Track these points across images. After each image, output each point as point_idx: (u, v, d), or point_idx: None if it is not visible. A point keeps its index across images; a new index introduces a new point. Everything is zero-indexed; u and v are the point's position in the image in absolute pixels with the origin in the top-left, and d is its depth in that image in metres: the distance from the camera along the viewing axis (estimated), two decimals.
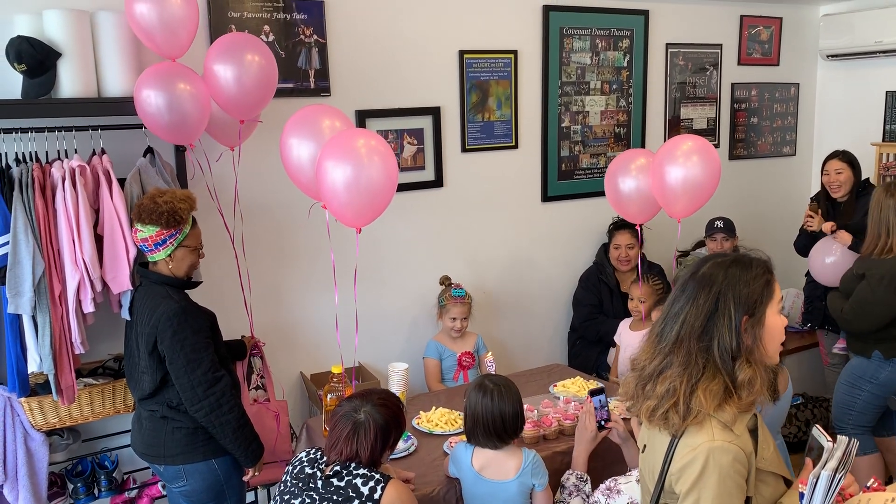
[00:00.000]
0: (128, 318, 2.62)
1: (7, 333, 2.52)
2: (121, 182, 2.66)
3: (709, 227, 4.15)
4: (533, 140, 4.04)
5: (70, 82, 2.63)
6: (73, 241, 2.50)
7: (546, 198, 4.13)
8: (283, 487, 2.12)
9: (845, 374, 3.42)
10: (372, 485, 1.99)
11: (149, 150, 2.80)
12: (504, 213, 4.00)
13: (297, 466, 2.12)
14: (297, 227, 3.36)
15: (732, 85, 4.73)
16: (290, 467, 2.15)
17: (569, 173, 4.18)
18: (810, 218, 3.85)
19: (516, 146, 3.98)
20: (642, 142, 4.39)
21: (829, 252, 3.70)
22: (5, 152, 2.58)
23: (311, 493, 2.02)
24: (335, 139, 2.47)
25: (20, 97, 2.63)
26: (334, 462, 2.05)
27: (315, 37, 3.33)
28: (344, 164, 2.40)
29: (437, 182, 3.75)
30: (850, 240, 3.58)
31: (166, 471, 2.56)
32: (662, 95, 4.46)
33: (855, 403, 3.34)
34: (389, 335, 3.72)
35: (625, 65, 4.25)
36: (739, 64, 4.73)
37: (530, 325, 4.18)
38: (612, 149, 4.27)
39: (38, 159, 2.59)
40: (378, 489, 1.99)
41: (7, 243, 2.44)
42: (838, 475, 1.50)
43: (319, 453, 2.13)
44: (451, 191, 3.81)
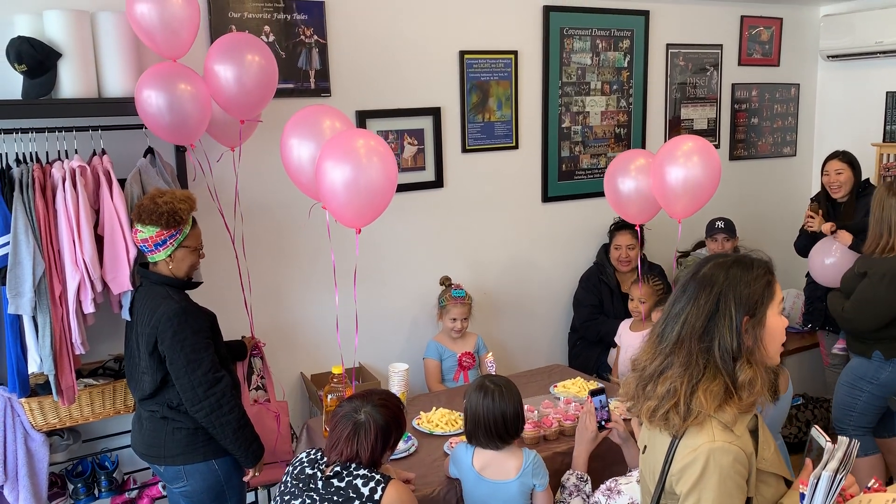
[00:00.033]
0: (128, 318, 2.62)
1: (7, 334, 2.52)
2: (121, 182, 2.66)
3: (710, 227, 4.15)
4: (533, 140, 4.04)
5: (70, 83, 2.63)
6: (74, 241, 2.50)
7: (546, 198, 4.13)
8: (283, 488, 2.12)
9: (845, 374, 3.41)
10: (372, 485, 1.99)
11: (149, 151, 2.80)
12: (504, 213, 4.00)
13: (298, 467, 2.12)
14: (298, 227, 3.36)
15: (733, 85, 4.73)
16: (290, 468, 2.15)
17: (569, 174, 4.18)
18: (811, 218, 3.86)
19: (517, 147, 3.98)
20: (643, 142, 4.39)
21: (828, 252, 3.69)
22: (6, 153, 2.58)
23: (312, 493, 2.02)
24: (334, 139, 2.47)
25: (20, 97, 2.63)
26: (335, 463, 2.05)
27: (315, 37, 3.33)
28: (343, 165, 2.39)
29: (438, 182, 3.75)
30: (851, 240, 3.58)
31: (166, 471, 2.56)
32: (663, 96, 4.46)
33: (855, 404, 3.34)
34: (390, 336, 3.72)
35: (625, 65, 4.25)
36: (740, 64, 4.73)
37: (530, 326, 4.18)
38: (613, 149, 4.27)
39: (38, 160, 2.59)
40: (378, 490, 1.99)
41: (7, 244, 2.44)
42: (839, 476, 1.50)
43: (320, 454, 2.13)
44: (451, 191, 3.80)
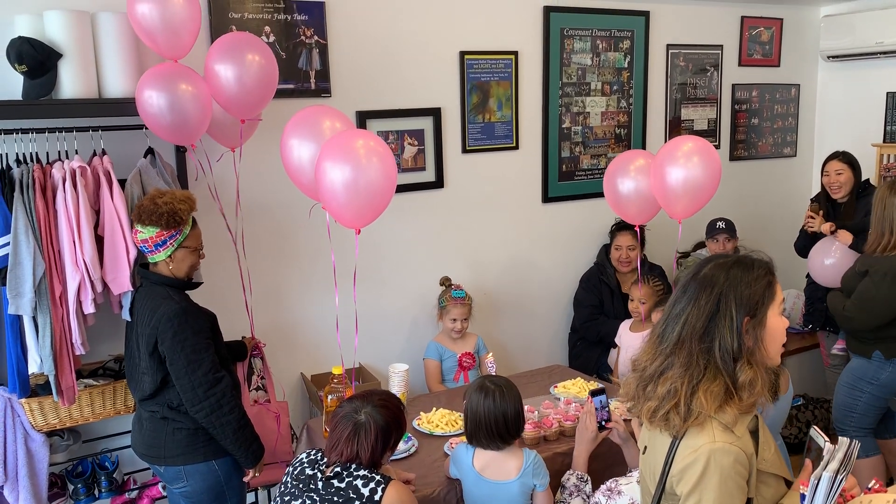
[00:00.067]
0: (128, 318, 2.62)
1: (7, 334, 2.52)
2: (121, 183, 2.66)
3: (711, 227, 4.14)
4: (533, 141, 4.04)
5: (71, 83, 2.63)
6: (74, 241, 2.50)
7: (547, 199, 4.13)
8: (283, 488, 2.12)
9: (845, 375, 3.41)
10: (372, 486, 1.99)
11: (149, 151, 2.80)
12: (504, 214, 4.00)
13: (298, 467, 2.12)
14: (298, 227, 3.36)
15: (733, 86, 4.73)
16: (290, 468, 2.15)
17: (569, 174, 4.18)
18: (811, 219, 3.85)
19: (517, 147, 3.98)
20: (643, 143, 4.39)
21: (828, 253, 3.69)
22: (6, 153, 2.58)
23: (312, 494, 2.02)
24: (334, 140, 2.47)
25: (21, 98, 2.63)
26: (335, 463, 2.05)
27: (316, 38, 3.33)
28: (343, 165, 2.39)
29: (438, 183, 3.75)
30: (851, 239, 3.57)
31: (167, 471, 2.56)
32: (663, 96, 4.45)
33: (856, 405, 3.33)
34: (390, 336, 3.72)
35: (625, 66, 4.25)
36: (740, 65, 4.73)
37: (531, 326, 4.18)
38: (613, 150, 4.27)
39: (38, 160, 2.59)
40: (379, 490, 1.99)
41: (8, 244, 2.44)
42: (839, 477, 1.50)
43: (320, 454, 2.13)
44: (451, 192, 3.80)
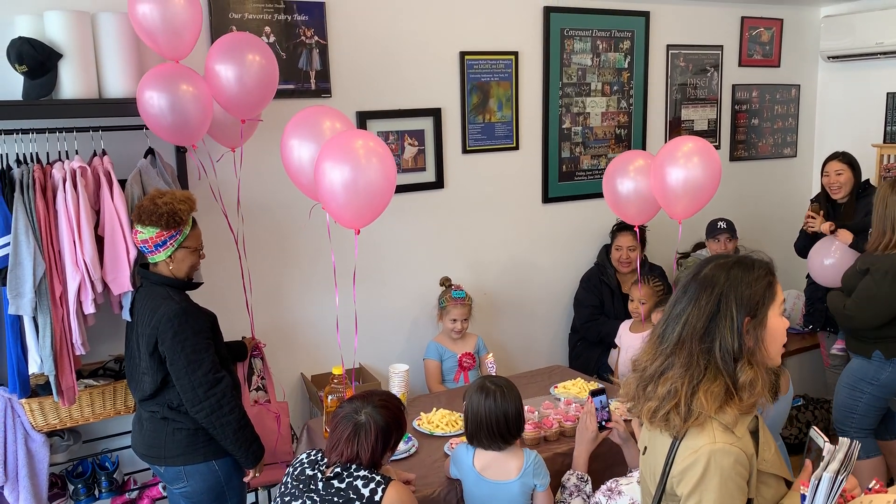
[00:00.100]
0: (128, 319, 2.62)
1: (8, 334, 2.52)
2: (122, 183, 2.66)
3: (712, 227, 4.14)
4: (534, 141, 4.04)
5: (71, 83, 2.63)
6: (74, 242, 2.50)
7: (547, 199, 4.13)
8: (283, 489, 2.12)
9: (845, 376, 3.40)
10: (373, 486, 1.99)
11: (150, 152, 2.80)
12: (505, 214, 4.00)
13: (298, 468, 2.12)
14: (298, 227, 3.36)
15: (733, 86, 4.73)
16: (290, 469, 2.15)
17: (569, 174, 4.18)
18: (811, 219, 3.84)
19: (517, 147, 3.98)
20: (643, 143, 4.39)
21: (828, 253, 3.69)
22: (6, 153, 2.58)
23: (312, 494, 2.02)
24: (333, 140, 2.47)
25: (21, 98, 2.63)
26: (335, 464, 2.05)
27: (316, 38, 3.33)
28: (342, 166, 2.39)
29: (438, 183, 3.75)
30: (851, 238, 3.57)
31: (167, 472, 2.56)
32: (663, 97, 4.45)
33: (857, 406, 3.32)
34: (390, 336, 3.72)
35: (626, 66, 4.25)
36: (740, 65, 4.73)
37: (531, 327, 4.18)
38: (613, 150, 4.27)
39: (38, 160, 2.59)
40: (379, 491, 1.99)
41: (8, 244, 2.44)
42: (840, 477, 1.49)
43: (320, 455, 2.13)
44: (451, 192, 3.80)
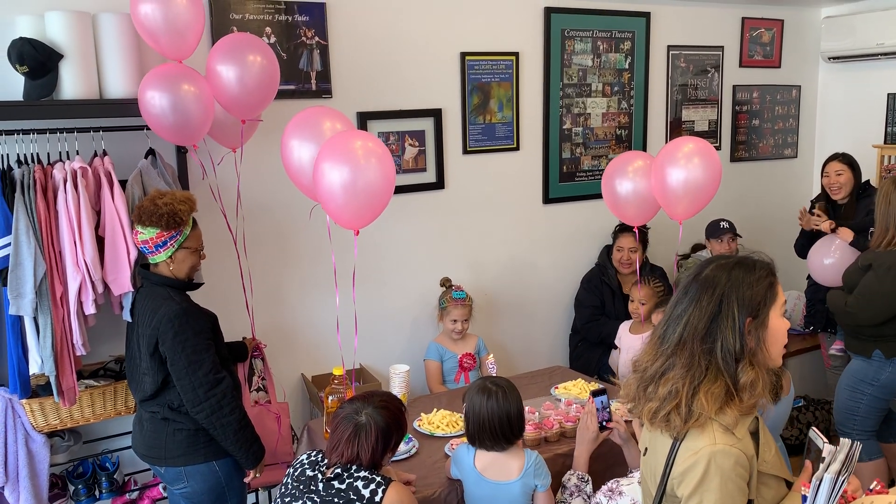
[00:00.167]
0: (129, 319, 2.62)
1: (8, 335, 2.52)
2: (122, 184, 2.66)
3: (715, 228, 4.13)
4: (534, 142, 4.04)
5: (72, 84, 2.63)
6: (75, 242, 2.50)
7: (547, 200, 4.12)
8: (283, 490, 2.12)
9: (845, 378, 3.38)
10: (373, 487, 1.99)
11: (150, 152, 2.80)
12: (505, 215, 4.00)
13: (298, 469, 2.12)
14: (299, 228, 3.36)
15: (734, 87, 4.72)
16: (291, 469, 2.15)
17: (570, 175, 4.18)
18: (818, 217, 3.81)
19: (517, 148, 3.98)
20: (644, 144, 4.39)
21: (828, 252, 3.67)
22: (7, 154, 2.58)
23: (312, 495, 2.02)
24: (332, 141, 2.47)
25: (22, 99, 2.63)
26: (335, 464, 2.05)
27: (317, 38, 3.33)
28: (341, 166, 2.39)
29: (439, 184, 3.75)
30: (852, 236, 3.56)
31: (167, 472, 2.56)
32: (664, 97, 4.45)
33: (858, 408, 3.31)
34: (390, 337, 3.72)
35: (626, 67, 4.25)
36: (741, 66, 4.73)
37: (531, 327, 4.18)
38: (614, 151, 4.27)
39: (39, 161, 2.59)
40: (379, 492, 1.99)
41: (9, 245, 2.45)
42: (841, 478, 1.49)
43: (320, 455, 2.13)
44: (452, 192, 3.80)
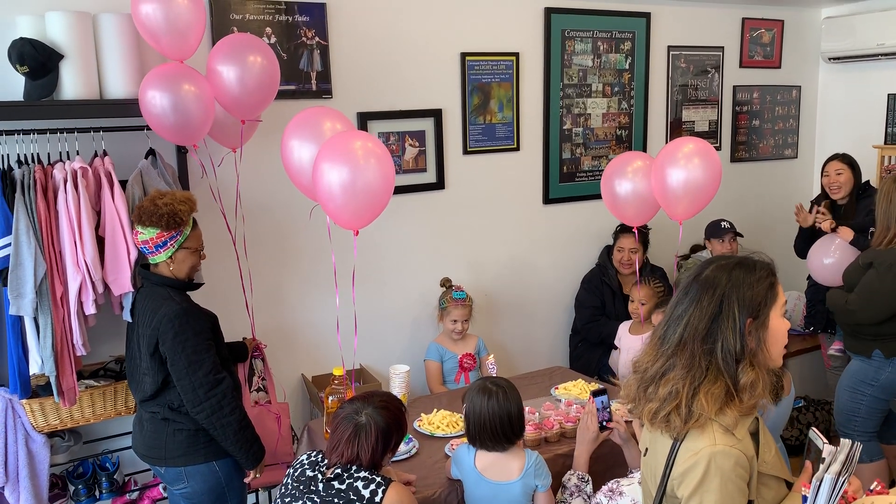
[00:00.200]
0: (129, 319, 2.62)
1: (9, 335, 2.53)
2: (122, 184, 2.66)
3: (716, 228, 4.13)
4: (534, 142, 4.04)
5: (72, 84, 2.63)
6: (75, 242, 2.50)
7: (547, 200, 4.12)
8: (284, 490, 2.12)
9: (845, 379, 3.38)
10: (373, 488, 1.99)
11: (150, 152, 2.80)
12: (505, 215, 4.00)
13: (298, 469, 2.12)
14: (299, 228, 3.36)
15: (734, 87, 4.72)
16: (291, 470, 2.15)
17: (570, 175, 4.18)
18: (821, 215, 3.80)
19: (518, 148, 3.98)
20: (644, 144, 4.39)
21: (828, 251, 3.67)
22: (7, 154, 2.58)
23: (312, 495, 2.02)
24: (332, 141, 2.47)
25: (22, 99, 2.63)
26: (335, 465, 2.05)
27: (317, 39, 3.33)
28: (340, 167, 2.39)
29: (439, 184, 3.75)
30: (852, 235, 3.55)
31: (167, 472, 2.56)
32: (664, 98, 4.45)
33: (859, 409, 3.30)
34: (391, 337, 3.72)
35: (626, 67, 4.25)
36: (741, 66, 4.73)
37: (531, 328, 4.18)
38: (614, 151, 4.27)
39: (40, 161, 2.59)
40: (379, 492, 1.99)
41: (9, 245, 2.45)
42: (841, 479, 1.49)
43: (320, 456, 2.13)
44: (452, 193, 3.80)
